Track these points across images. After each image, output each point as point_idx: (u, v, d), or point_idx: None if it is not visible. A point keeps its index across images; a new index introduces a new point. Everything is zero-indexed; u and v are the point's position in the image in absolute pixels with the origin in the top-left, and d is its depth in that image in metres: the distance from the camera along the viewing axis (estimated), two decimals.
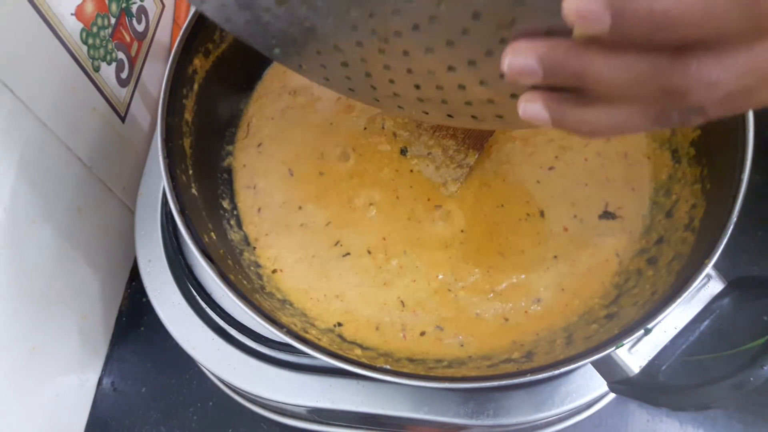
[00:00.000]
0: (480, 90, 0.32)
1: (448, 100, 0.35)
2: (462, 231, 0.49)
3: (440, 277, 0.48)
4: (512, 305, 0.46)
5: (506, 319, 0.46)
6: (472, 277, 0.47)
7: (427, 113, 0.38)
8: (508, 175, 0.51)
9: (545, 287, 0.47)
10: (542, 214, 0.49)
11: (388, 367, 0.40)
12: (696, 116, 0.24)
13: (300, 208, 0.51)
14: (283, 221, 0.51)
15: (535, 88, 0.27)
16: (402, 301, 0.47)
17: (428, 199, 0.50)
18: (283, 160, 0.53)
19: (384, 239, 0.49)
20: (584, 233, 0.48)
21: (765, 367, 0.33)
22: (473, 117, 0.36)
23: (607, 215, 0.49)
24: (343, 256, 0.49)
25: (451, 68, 0.32)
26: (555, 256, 0.47)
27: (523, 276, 0.47)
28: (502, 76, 0.27)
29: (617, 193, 0.49)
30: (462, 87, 0.33)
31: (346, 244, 0.49)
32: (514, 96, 0.31)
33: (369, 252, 0.49)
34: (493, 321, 0.46)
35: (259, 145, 0.54)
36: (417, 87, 0.35)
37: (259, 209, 0.52)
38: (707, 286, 0.39)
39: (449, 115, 0.37)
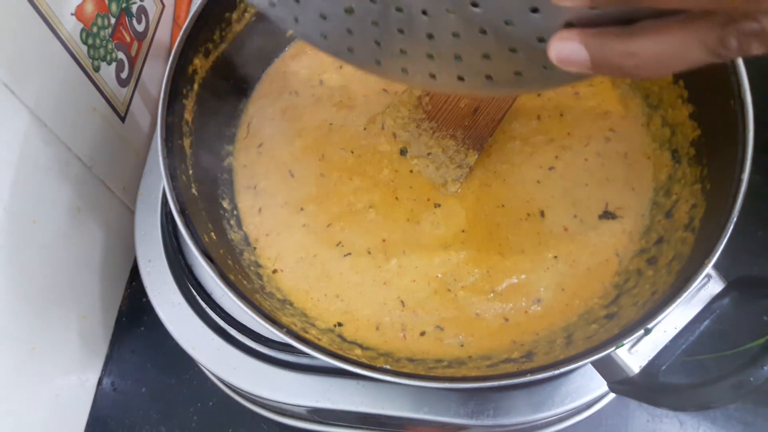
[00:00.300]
0: (504, 33, 0.29)
1: (464, 54, 0.31)
2: (463, 231, 0.49)
3: (440, 276, 0.48)
4: (512, 305, 0.46)
5: (506, 319, 0.46)
6: (472, 277, 0.47)
7: (434, 76, 0.34)
8: (509, 175, 0.51)
9: (545, 287, 0.47)
10: (542, 214, 0.49)
11: (388, 367, 0.40)
12: (758, 42, 0.22)
13: (301, 209, 0.51)
14: (284, 222, 0.51)
15: (568, 27, 0.25)
16: (402, 301, 0.47)
17: (428, 199, 0.50)
18: (284, 161, 0.53)
19: (384, 240, 0.49)
20: (584, 233, 0.48)
21: (765, 367, 0.33)
22: (488, 77, 0.32)
23: (607, 215, 0.49)
24: (344, 256, 0.49)
25: (474, 4, 0.28)
26: (555, 256, 0.47)
27: (523, 276, 0.47)
28: (534, 10, 0.25)
29: (617, 193, 0.49)
30: (483, 32, 0.29)
31: (347, 244, 0.49)
32: (542, 41, 0.28)
33: (369, 252, 0.49)
34: (493, 321, 0.46)
35: (260, 145, 0.54)
36: (430, 36, 0.31)
37: (260, 209, 0.52)
38: (707, 286, 0.39)
39: (460, 77, 0.33)
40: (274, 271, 0.49)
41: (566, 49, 0.25)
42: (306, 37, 0.36)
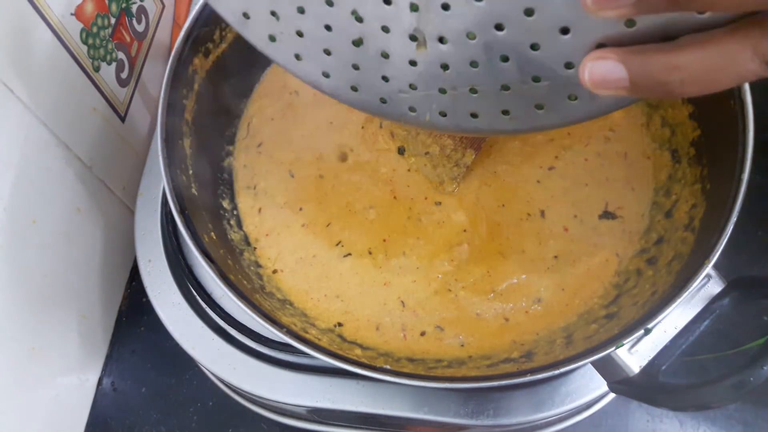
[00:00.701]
0: (528, 59, 0.26)
1: (480, 86, 0.29)
2: (464, 231, 0.49)
3: (440, 277, 0.48)
4: (513, 305, 0.46)
5: (506, 319, 0.46)
6: (473, 277, 0.47)
7: (445, 114, 0.31)
8: (509, 175, 0.51)
9: (545, 287, 0.47)
10: (542, 214, 0.49)
11: (388, 367, 0.40)
12: None
13: (301, 209, 0.51)
14: (284, 222, 0.51)
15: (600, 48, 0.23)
16: (402, 302, 0.47)
17: (425, 198, 0.50)
18: (284, 161, 0.53)
19: (384, 240, 0.49)
20: (584, 233, 0.48)
21: (765, 367, 0.33)
22: (504, 112, 0.29)
23: (607, 215, 0.49)
24: (344, 256, 0.49)
25: (498, 26, 0.26)
26: (555, 256, 0.47)
27: (523, 276, 0.47)
28: (564, 31, 0.22)
29: (617, 193, 0.49)
30: (505, 59, 0.27)
31: (347, 244, 0.49)
32: (570, 66, 0.26)
33: (370, 253, 0.49)
34: (494, 321, 0.46)
35: (260, 145, 0.54)
36: (445, 67, 0.29)
37: (260, 210, 0.52)
38: (707, 286, 0.39)
39: (473, 114, 0.30)
40: (274, 272, 0.49)
41: (602, 68, 0.22)
42: (308, 77, 0.34)
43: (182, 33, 0.47)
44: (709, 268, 0.38)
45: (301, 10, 0.30)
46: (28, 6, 0.42)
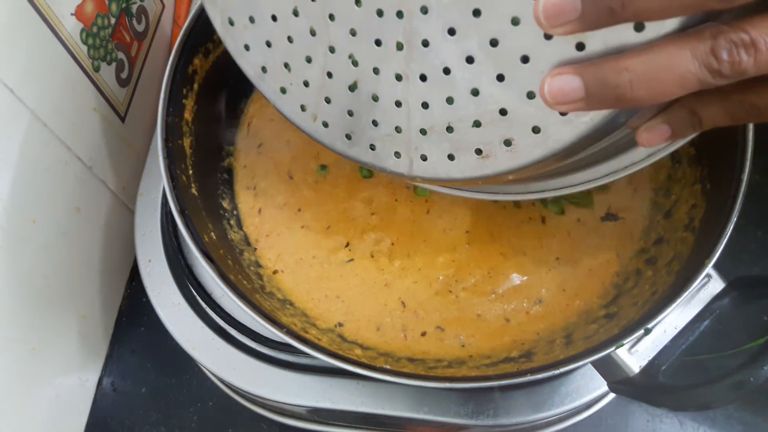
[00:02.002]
0: (496, 90, 0.29)
1: (455, 121, 0.31)
2: (467, 232, 0.49)
3: (441, 278, 0.48)
4: (514, 306, 0.46)
5: (507, 320, 0.46)
6: (474, 279, 0.47)
7: (426, 159, 0.33)
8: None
9: (546, 288, 0.47)
10: (543, 220, 0.49)
11: (388, 367, 0.40)
12: (747, 54, 0.22)
13: (300, 210, 0.51)
14: (284, 223, 0.51)
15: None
16: (403, 302, 0.47)
17: (426, 200, 0.50)
18: (283, 162, 0.53)
19: (385, 241, 0.49)
20: (587, 235, 0.48)
21: (765, 367, 0.33)
22: (477, 151, 0.31)
23: (609, 217, 0.49)
24: (344, 258, 0.49)
25: (469, 59, 0.28)
26: (557, 258, 0.47)
27: (525, 277, 0.47)
28: (524, 59, 0.24)
29: (620, 194, 0.49)
30: (475, 92, 0.29)
31: (346, 245, 0.49)
32: (531, 96, 0.28)
33: (372, 255, 0.49)
34: (495, 321, 0.46)
35: (260, 145, 0.54)
36: (425, 106, 0.31)
37: (260, 210, 0.52)
38: (707, 286, 0.39)
39: (450, 156, 0.32)
40: (275, 272, 0.49)
41: (558, 81, 0.24)
42: (310, 128, 0.36)
43: (182, 33, 0.47)
44: (709, 268, 0.38)
45: (308, 60, 0.34)
46: (27, 6, 0.42)
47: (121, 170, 0.59)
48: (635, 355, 0.38)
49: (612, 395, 0.51)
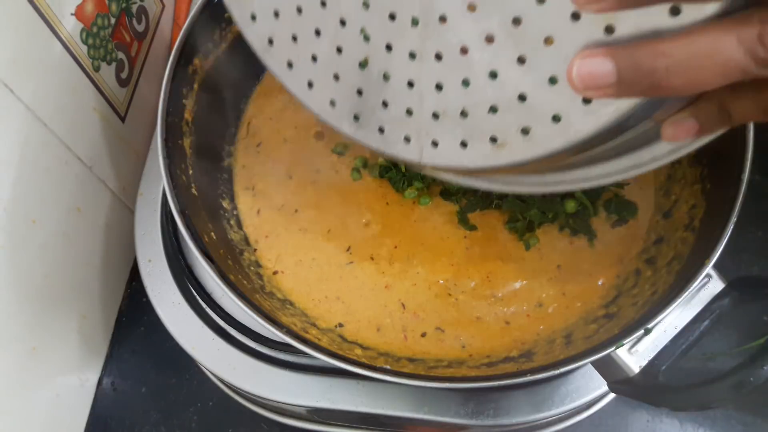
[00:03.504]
0: (516, 73, 0.27)
1: (470, 106, 0.29)
2: (465, 237, 0.49)
3: (441, 282, 0.48)
4: (514, 309, 0.46)
5: (507, 323, 0.46)
6: (473, 282, 0.47)
7: (437, 145, 0.31)
8: None
9: (546, 292, 0.47)
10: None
11: (388, 367, 0.40)
12: None
13: (296, 211, 0.51)
14: (283, 224, 0.51)
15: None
16: (403, 304, 0.47)
17: (414, 202, 0.50)
18: (281, 162, 0.53)
19: (385, 245, 0.49)
20: (591, 243, 0.48)
21: (765, 367, 0.33)
22: (492, 139, 0.29)
23: (619, 222, 0.48)
24: (344, 261, 0.49)
25: (489, 38, 0.26)
26: (558, 266, 0.47)
27: (525, 282, 0.47)
28: (548, 41, 0.23)
29: (634, 194, 0.49)
30: (494, 75, 0.27)
31: (345, 246, 0.49)
32: (554, 81, 0.26)
33: (372, 258, 0.49)
34: (495, 324, 0.46)
35: (258, 145, 0.54)
36: (438, 88, 0.30)
37: (259, 211, 0.52)
38: (707, 286, 0.39)
39: (463, 144, 0.30)
40: (275, 273, 0.49)
41: (589, 63, 0.22)
42: (316, 105, 0.35)
43: (182, 33, 0.47)
44: (709, 268, 0.38)
45: (317, 32, 0.32)
46: (28, 6, 0.42)
47: (121, 170, 0.59)
48: (635, 355, 0.38)
49: (612, 395, 0.51)
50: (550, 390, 0.45)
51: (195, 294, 0.51)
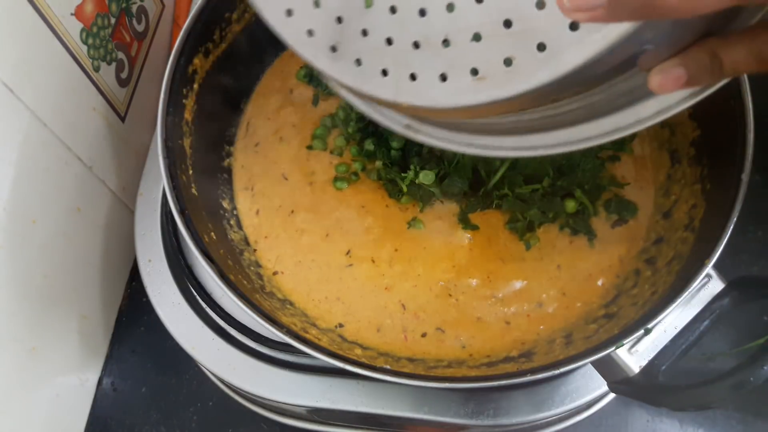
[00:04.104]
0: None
1: (452, 33, 0.28)
2: (466, 238, 0.49)
3: (442, 284, 0.48)
4: (514, 309, 0.46)
5: (508, 323, 0.46)
6: (473, 283, 0.47)
7: (414, 78, 0.30)
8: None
9: (547, 293, 0.47)
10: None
11: (388, 367, 0.40)
12: None
13: (292, 212, 0.51)
14: (281, 226, 0.51)
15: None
16: (403, 305, 0.47)
17: (411, 206, 0.50)
18: (278, 162, 0.53)
19: (385, 247, 0.49)
20: (590, 244, 0.48)
21: (765, 367, 0.33)
22: (473, 71, 0.28)
23: (618, 222, 0.48)
24: (344, 263, 0.49)
25: None
26: (558, 266, 0.47)
27: (525, 282, 0.47)
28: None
29: (634, 195, 0.49)
30: (479, 1, 0.26)
31: (345, 249, 0.49)
32: (541, 5, 0.25)
33: (372, 260, 0.49)
34: (495, 324, 0.46)
35: (257, 144, 0.54)
36: (422, 13, 0.28)
37: (258, 211, 0.52)
38: (707, 286, 0.39)
39: (442, 77, 0.29)
40: (275, 273, 0.49)
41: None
42: (292, 36, 0.32)
43: (182, 33, 0.47)
44: (709, 268, 0.38)
45: None
46: (28, 6, 0.42)
47: (121, 170, 0.59)
48: (635, 355, 0.38)
49: (612, 395, 0.51)
50: (550, 390, 0.45)
51: (195, 294, 0.51)
